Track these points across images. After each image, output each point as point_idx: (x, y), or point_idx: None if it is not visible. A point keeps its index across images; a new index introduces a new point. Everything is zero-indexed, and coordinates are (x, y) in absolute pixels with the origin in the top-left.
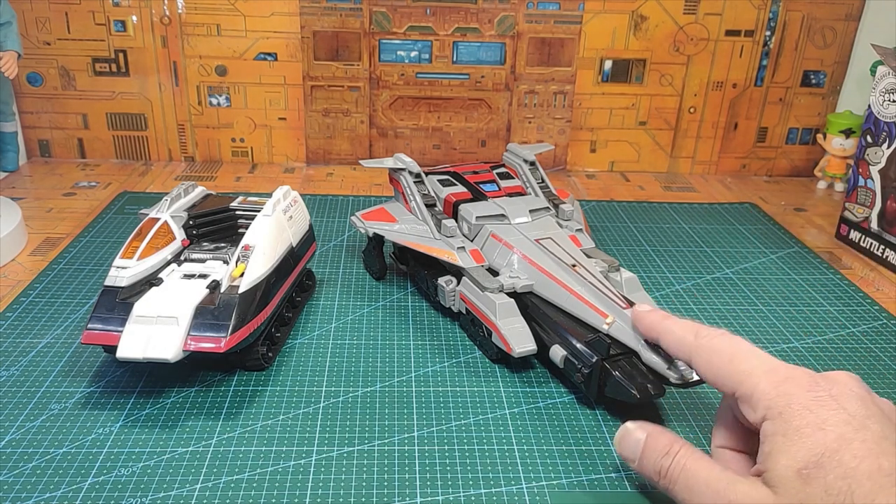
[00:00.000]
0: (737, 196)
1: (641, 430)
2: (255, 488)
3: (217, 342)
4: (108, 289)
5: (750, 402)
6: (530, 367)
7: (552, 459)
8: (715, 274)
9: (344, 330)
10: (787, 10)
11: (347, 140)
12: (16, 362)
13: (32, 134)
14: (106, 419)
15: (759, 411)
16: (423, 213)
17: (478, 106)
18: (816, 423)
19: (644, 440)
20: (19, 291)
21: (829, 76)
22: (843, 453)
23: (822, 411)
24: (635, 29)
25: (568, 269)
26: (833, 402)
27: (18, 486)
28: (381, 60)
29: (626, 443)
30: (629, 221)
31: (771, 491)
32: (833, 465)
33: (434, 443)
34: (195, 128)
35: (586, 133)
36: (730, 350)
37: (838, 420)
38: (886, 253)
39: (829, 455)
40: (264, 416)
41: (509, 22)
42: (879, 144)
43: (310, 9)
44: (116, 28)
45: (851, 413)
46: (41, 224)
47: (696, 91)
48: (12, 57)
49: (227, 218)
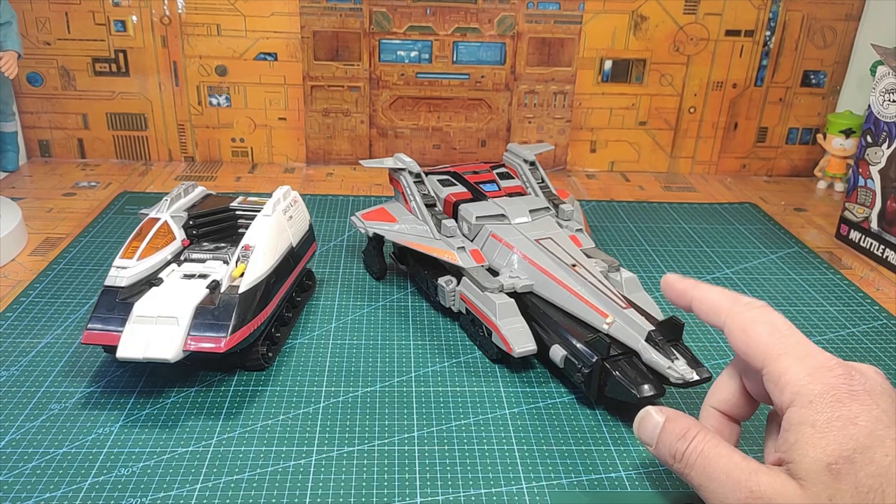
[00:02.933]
0: (737, 196)
1: (661, 414)
2: (255, 488)
3: (217, 342)
4: (108, 289)
5: (778, 383)
6: (530, 367)
7: (552, 459)
8: (715, 274)
9: (344, 330)
10: (787, 10)
11: (347, 140)
12: (16, 362)
13: (32, 134)
14: (106, 419)
15: (787, 395)
16: (423, 213)
17: (478, 106)
18: (849, 416)
19: (662, 423)
20: (19, 291)
21: (829, 76)
22: (876, 451)
23: (854, 405)
24: (635, 29)
25: (568, 269)
26: (867, 398)
27: (18, 486)
28: (381, 60)
29: (645, 425)
30: (629, 221)
31: (797, 483)
32: (865, 462)
33: (434, 443)
34: (195, 128)
35: (586, 133)
36: (767, 324)
37: (871, 416)
38: (886, 253)
39: (860, 451)
40: (264, 416)
41: (509, 22)
42: (879, 144)
43: (310, 9)
44: (116, 28)
45: (883, 409)
46: (41, 224)
47: (696, 91)
48: (12, 57)
49: (227, 218)
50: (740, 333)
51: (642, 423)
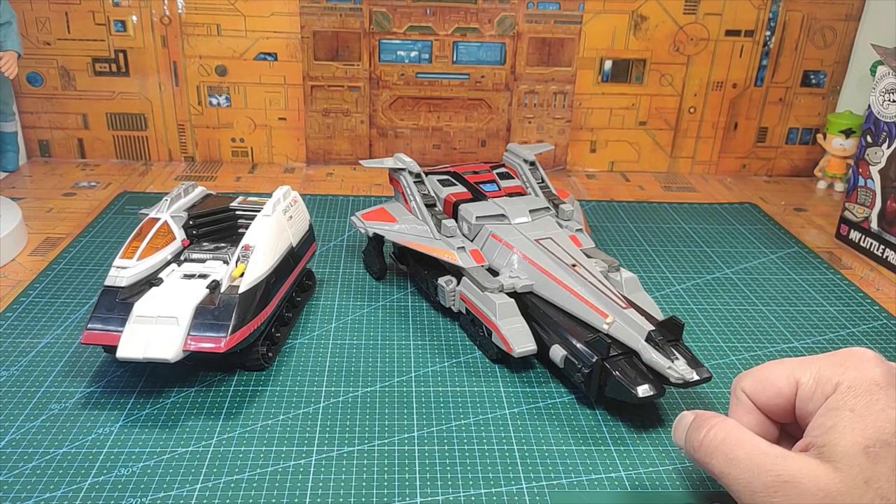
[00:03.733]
0: (737, 196)
1: (692, 414)
2: (255, 488)
3: (217, 342)
4: (108, 289)
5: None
6: (530, 367)
7: (552, 459)
8: (715, 274)
9: (344, 330)
10: (787, 10)
11: (347, 140)
12: (16, 362)
13: (32, 134)
14: (106, 419)
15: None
16: (423, 213)
17: (478, 106)
18: (888, 402)
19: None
20: (19, 291)
21: (829, 76)
22: None
23: (892, 389)
24: (635, 29)
25: (568, 269)
26: None
27: (18, 486)
28: (381, 60)
29: (677, 428)
30: (629, 221)
31: (830, 466)
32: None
33: (434, 443)
34: (195, 128)
35: (586, 133)
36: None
37: None
38: (886, 253)
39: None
40: (264, 416)
41: (509, 22)
42: (879, 144)
43: (310, 9)
44: (116, 28)
45: None
46: (41, 224)
47: (696, 91)
48: (12, 57)
49: (227, 218)
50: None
51: (677, 427)
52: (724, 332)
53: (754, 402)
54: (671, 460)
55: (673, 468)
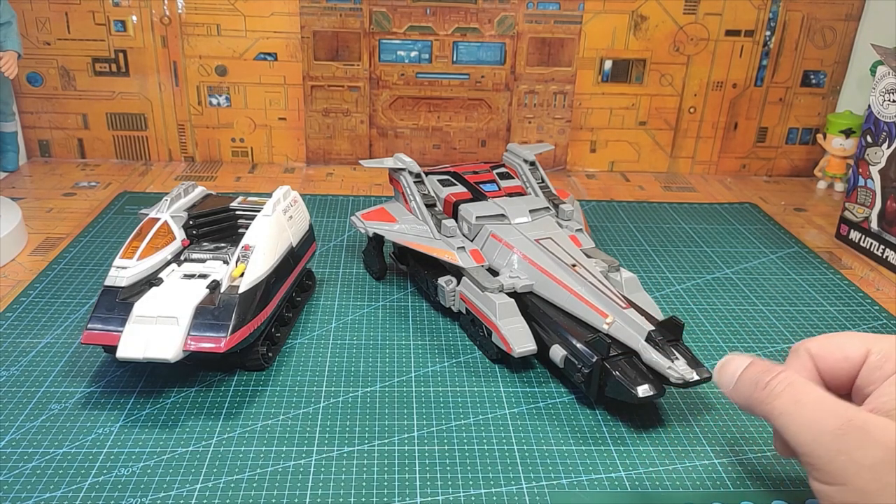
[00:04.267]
0: (737, 196)
1: (745, 357)
2: (255, 488)
3: (217, 342)
4: (108, 289)
5: (882, 361)
6: (530, 367)
7: (552, 459)
8: (715, 274)
9: (344, 330)
10: (787, 10)
11: (347, 140)
12: (16, 362)
13: (32, 134)
14: (106, 419)
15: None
16: (423, 213)
17: (478, 106)
18: None
19: (747, 363)
20: (19, 291)
21: (829, 76)
22: None
23: None
24: (635, 29)
25: (568, 269)
26: None
27: (18, 486)
28: (381, 60)
29: (727, 369)
30: (629, 221)
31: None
32: None
33: (434, 443)
34: (195, 128)
35: (586, 133)
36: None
37: None
38: (886, 253)
39: None
40: (264, 416)
41: (509, 22)
42: (879, 144)
43: (310, 9)
44: (116, 28)
45: None
46: (41, 224)
47: (696, 91)
48: (12, 57)
49: (227, 218)
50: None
51: (724, 367)
52: (724, 332)
53: (817, 363)
54: (671, 460)
55: (673, 468)
